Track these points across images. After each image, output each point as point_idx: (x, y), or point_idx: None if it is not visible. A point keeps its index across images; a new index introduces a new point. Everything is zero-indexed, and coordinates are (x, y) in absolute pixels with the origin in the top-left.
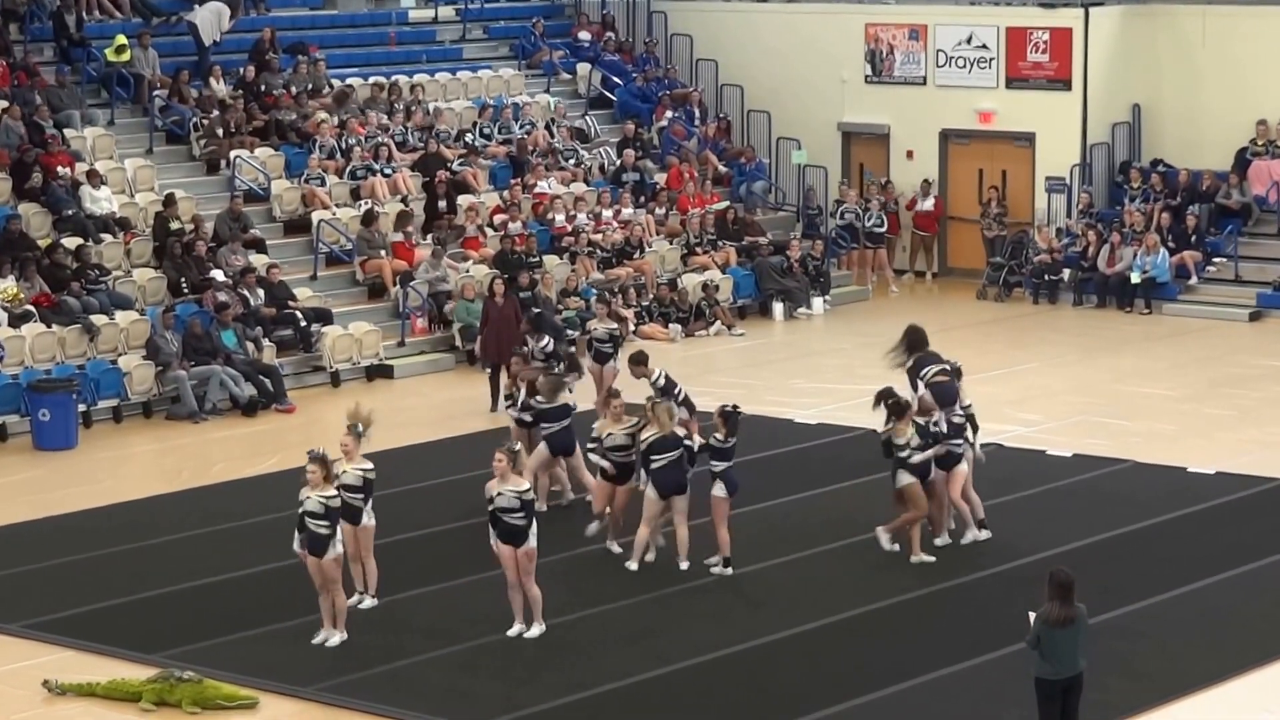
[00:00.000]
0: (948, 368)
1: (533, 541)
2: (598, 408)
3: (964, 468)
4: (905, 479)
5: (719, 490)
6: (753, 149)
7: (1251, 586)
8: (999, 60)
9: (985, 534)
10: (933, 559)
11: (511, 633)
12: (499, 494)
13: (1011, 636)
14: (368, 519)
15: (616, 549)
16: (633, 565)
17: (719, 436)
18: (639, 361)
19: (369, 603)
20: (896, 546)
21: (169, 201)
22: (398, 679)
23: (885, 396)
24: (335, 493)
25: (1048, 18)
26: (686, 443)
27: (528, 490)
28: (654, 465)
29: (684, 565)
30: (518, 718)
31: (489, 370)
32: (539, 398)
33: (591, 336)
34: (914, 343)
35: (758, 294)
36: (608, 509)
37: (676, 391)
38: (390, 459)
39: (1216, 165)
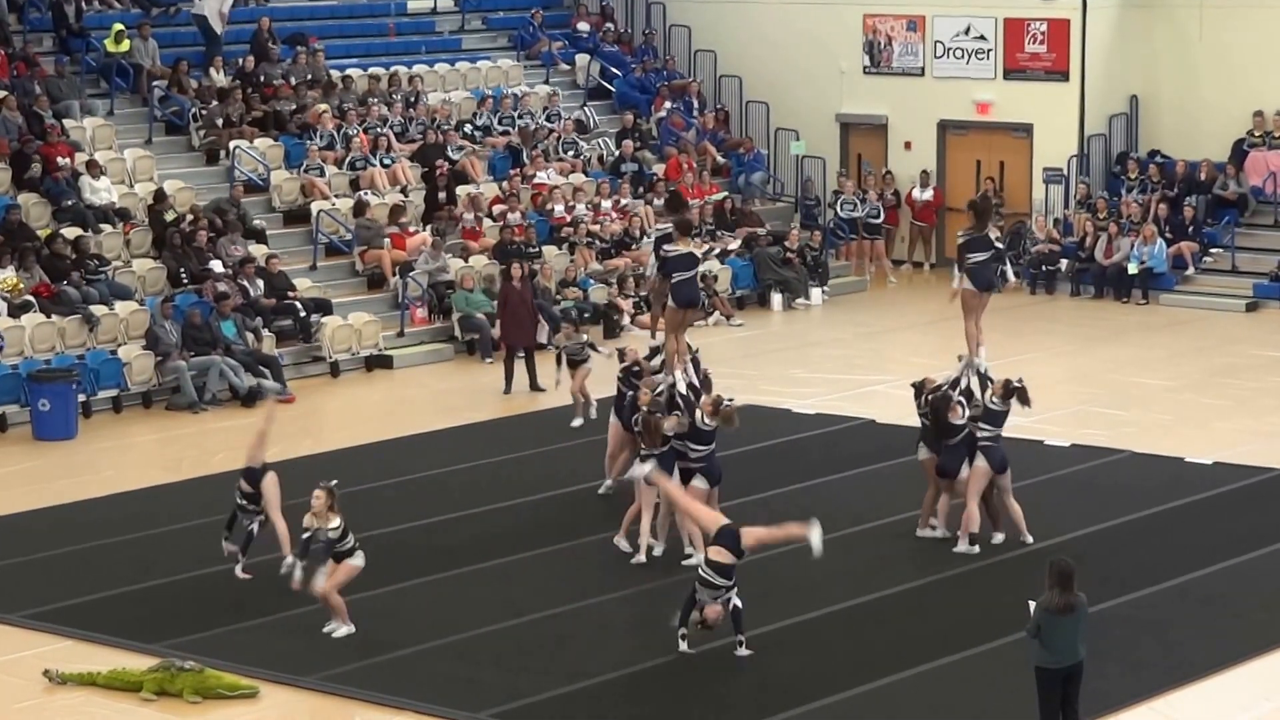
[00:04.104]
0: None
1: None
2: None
3: (981, 464)
4: (924, 453)
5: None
6: (751, 140)
7: (1250, 575)
8: (997, 51)
9: (975, 549)
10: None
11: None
12: None
13: (1012, 625)
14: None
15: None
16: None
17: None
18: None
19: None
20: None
21: (160, 196)
22: (399, 668)
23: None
24: (339, 524)
25: (1045, 9)
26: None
27: None
28: None
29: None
30: (519, 707)
31: (505, 354)
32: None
33: (563, 349)
34: (978, 212)
35: (756, 284)
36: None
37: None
38: (389, 449)
39: (1213, 156)
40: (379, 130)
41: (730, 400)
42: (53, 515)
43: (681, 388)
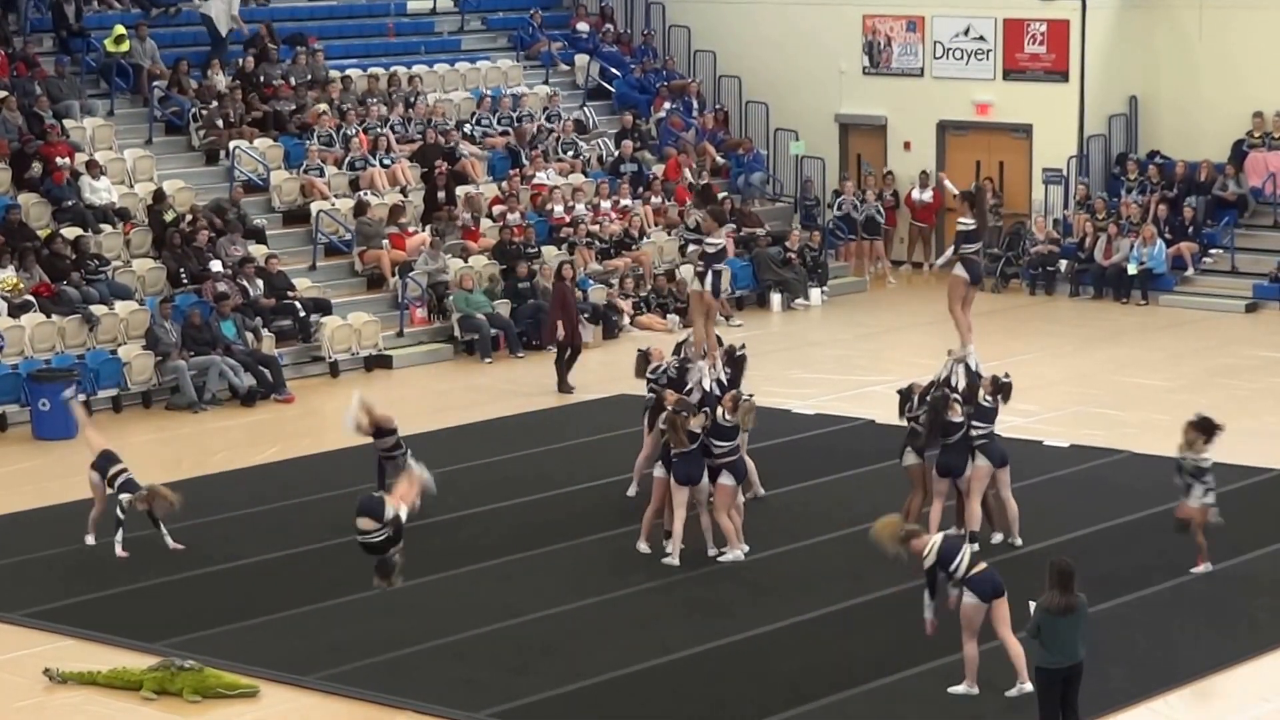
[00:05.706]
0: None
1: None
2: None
3: (982, 462)
4: (910, 459)
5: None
6: (750, 140)
7: (1249, 576)
8: (996, 52)
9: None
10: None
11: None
12: None
13: (1012, 625)
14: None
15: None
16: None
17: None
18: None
19: None
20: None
21: (160, 196)
22: (398, 668)
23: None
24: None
25: (1045, 10)
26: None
27: None
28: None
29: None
30: (518, 707)
31: (556, 351)
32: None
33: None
34: (973, 203)
35: (755, 285)
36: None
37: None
38: None
39: (1213, 157)
40: (379, 130)
41: (749, 396)
42: (53, 515)
43: (707, 384)
